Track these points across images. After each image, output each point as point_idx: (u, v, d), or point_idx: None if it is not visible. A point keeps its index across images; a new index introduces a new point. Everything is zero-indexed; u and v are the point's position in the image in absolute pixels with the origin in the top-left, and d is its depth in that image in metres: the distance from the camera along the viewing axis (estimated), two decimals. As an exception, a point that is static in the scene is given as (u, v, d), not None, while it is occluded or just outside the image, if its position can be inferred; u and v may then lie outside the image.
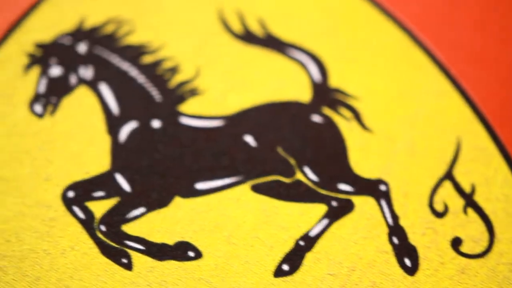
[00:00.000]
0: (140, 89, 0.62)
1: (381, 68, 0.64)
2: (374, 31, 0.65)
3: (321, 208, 0.58)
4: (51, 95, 0.62)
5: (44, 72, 0.62)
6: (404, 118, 0.62)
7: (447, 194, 0.59)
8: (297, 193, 0.59)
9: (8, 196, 0.57)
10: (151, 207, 0.58)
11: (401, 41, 0.65)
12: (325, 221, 0.58)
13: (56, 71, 0.62)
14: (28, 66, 0.63)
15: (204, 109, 0.62)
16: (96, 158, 0.59)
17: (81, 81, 0.62)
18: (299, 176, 0.60)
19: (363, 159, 0.60)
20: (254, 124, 0.61)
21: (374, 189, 0.59)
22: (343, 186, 0.59)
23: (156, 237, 0.57)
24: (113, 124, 0.61)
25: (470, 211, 0.58)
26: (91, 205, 0.58)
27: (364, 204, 0.58)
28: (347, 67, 0.64)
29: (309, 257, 0.56)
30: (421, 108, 0.62)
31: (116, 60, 0.63)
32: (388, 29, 0.65)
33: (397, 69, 0.64)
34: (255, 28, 0.65)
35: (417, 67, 0.64)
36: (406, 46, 0.65)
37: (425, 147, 0.61)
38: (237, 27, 0.65)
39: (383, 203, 0.58)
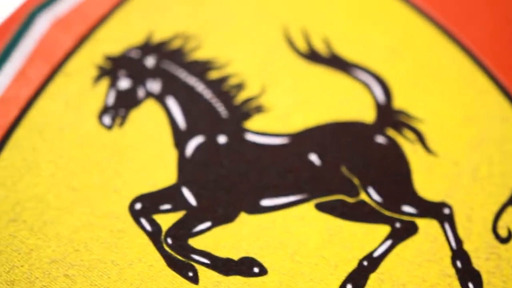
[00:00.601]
0: (207, 104, 0.63)
1: (445, 92, 0.64)
2: (438, 54, 0.66)
3: (385, 229, 0.59)
4: (120, 107, 0.62)
5: (112, 84, 0.63)
6: (468, 142, 0.62)
7: (511, 220, 0.59)
8: (361, 213, 0.59)
9: (78, 206, 0.58)
10: (216, 222, 0.59)
11: (465, 65, 0.65)
12: (389, 242, 0.58)
13: (124, 83, 0.63)
14: (97, 78, 0.64)
15: (268, 126, 0.63)
16: (163, 171, 0.60)
17: (149, 94, 0.63)
18: (363, 196, 0.60)
19: (426, 181, 0.61)
20: (318, 142, 0.62)
21: (437, 212, 0.59)
22: (407, 208, 0.60)
23: (222, 252, 0.57)
24: (180, 138, 0.62)
25: (534, 238, 0.58)
26: (158, 218, 0.59)
27: (427, 226, 0.59)
28: (411, 89, 0.64)
29: (372, 278, 0.57)
30: (485, 132, 0.62)
31: (183, 75, 0.64)
32: (452, 52, 0.66)
33: (461, 93, 0.64)
34: (320, 48, 0.66)
35: (481, 91, 0.64)
36: (470, 70, 0.65)
37: (488, 171, 0.61)
38: (302, 46, 0.66)
39: (447, 226, 0.59)
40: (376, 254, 0.58)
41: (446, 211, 0.59)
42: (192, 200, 0.59)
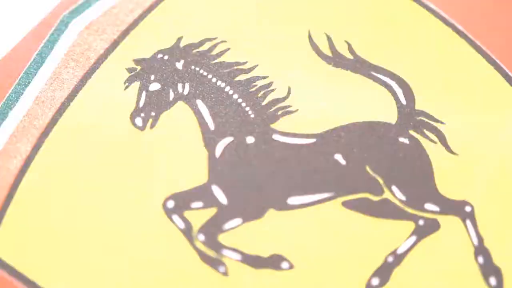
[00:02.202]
0: (235, 105, 0.65)
1: (466, 94, 0.66)
2: (460, 59, 0.68)
3: (408, 226, 0.61)
4: (151, 109, 0.65)
5: (143, 87, 0.66)
6: (489, 142, 0.64)
7: (530, 217, 0.61)
8: (385, 211, 0.61)
9: (112, 205, 0.61)
10: (246, 219, 0.61)
11: (487, 70, 0.67)
12: (413, 239, 0.60)
13: (155, 86, 0.66)
14: (129, 82, 0.66)
15: (294, 127, 0.65)
16: (194, 171, 0.62)
17: (179, 96, 0.65)
18: (387, 194, 0.62)
19: (448, 180, 0.63)
20: (343, 143, 0.64)
21: (459, 209, 0.61)
22: (429, 206, 0.62)
23: (251, 247, 0.60)
24: (209, 138, 0.64)
25: (554, 234, 0.60)
26: (189, 215, 0.61)
27: (450, 223, 0.61)
28: (433, 91, 0.66)
29: (397, 273, 0.59)
30: (507, 133, 0.64)
31: (211, 77, 0.66)
32: (472, 55, 0.68)
33: (481, 95, 0.66)
34: (344, 52, 0.68)
35: (504, 96, 0.66)
36: (492, 75, 0.67)
37: (509, 171, 0.63)
38: (326, 50, 0.68)
39: (469, 223, 0.61)
40: (400, 250, 0.60)
41: (468, 209, 0.61)
42: (222, 198, 0.61)
